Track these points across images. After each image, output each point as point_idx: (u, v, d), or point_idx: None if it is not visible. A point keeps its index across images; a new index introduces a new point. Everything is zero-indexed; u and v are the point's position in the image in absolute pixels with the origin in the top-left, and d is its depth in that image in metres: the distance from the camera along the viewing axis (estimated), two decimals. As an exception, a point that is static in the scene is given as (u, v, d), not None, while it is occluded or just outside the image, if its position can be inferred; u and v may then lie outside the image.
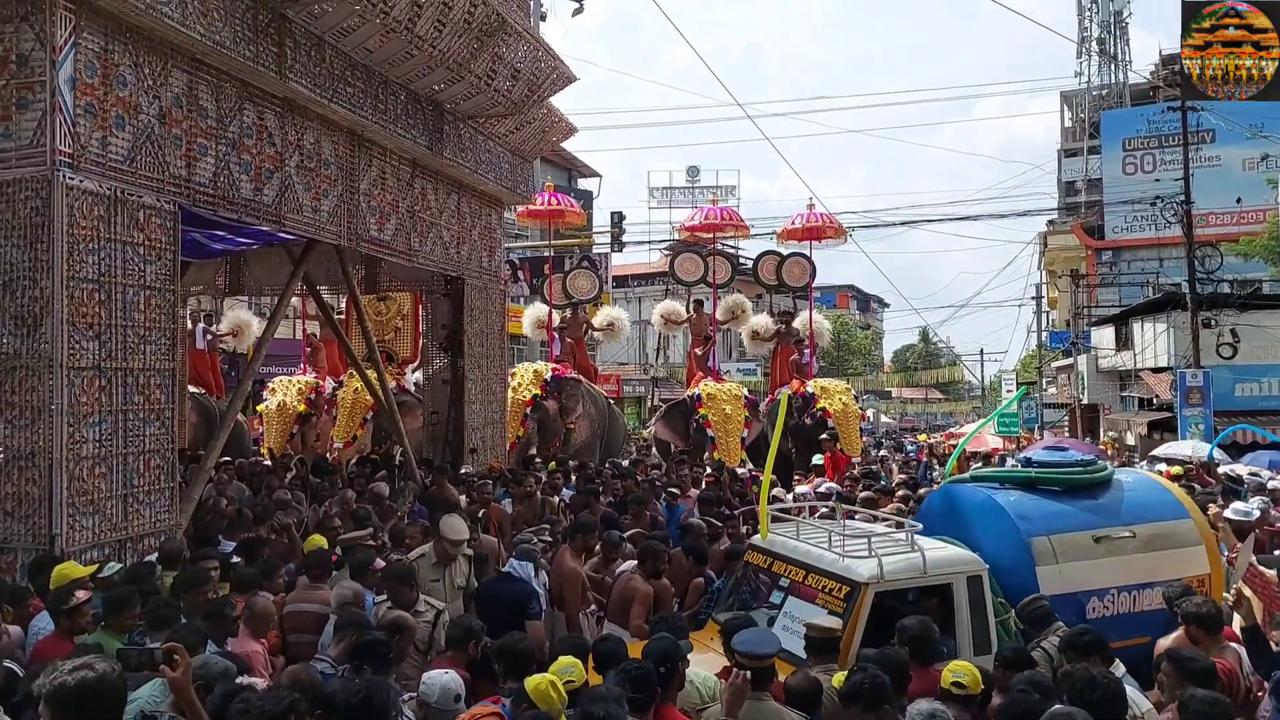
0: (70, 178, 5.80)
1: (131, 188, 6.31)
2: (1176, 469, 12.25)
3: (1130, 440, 23.48)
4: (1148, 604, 5.62)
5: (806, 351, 17.42)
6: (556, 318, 17.29)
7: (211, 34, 6.74)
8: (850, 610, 4.99)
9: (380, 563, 6.05)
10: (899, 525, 5.94)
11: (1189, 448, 15.78)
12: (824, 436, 14.00)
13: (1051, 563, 5.53)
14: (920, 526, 5.77)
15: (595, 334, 17.90)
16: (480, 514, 8.12)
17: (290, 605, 5.52)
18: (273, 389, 14.84)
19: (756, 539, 6.12)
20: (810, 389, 15.95)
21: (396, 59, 8.69)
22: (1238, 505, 7.53)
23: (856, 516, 6.75)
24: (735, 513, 8.32)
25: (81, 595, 4.63)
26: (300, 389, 14.68)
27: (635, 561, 6.39)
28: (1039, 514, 5.76)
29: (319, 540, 6.61)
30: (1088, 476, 6.11)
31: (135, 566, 5.60)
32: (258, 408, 14.89)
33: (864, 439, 17.66)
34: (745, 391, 16.67)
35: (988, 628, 5.25)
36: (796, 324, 17.79)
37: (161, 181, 6.60)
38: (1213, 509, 7.52)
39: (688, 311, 18.10)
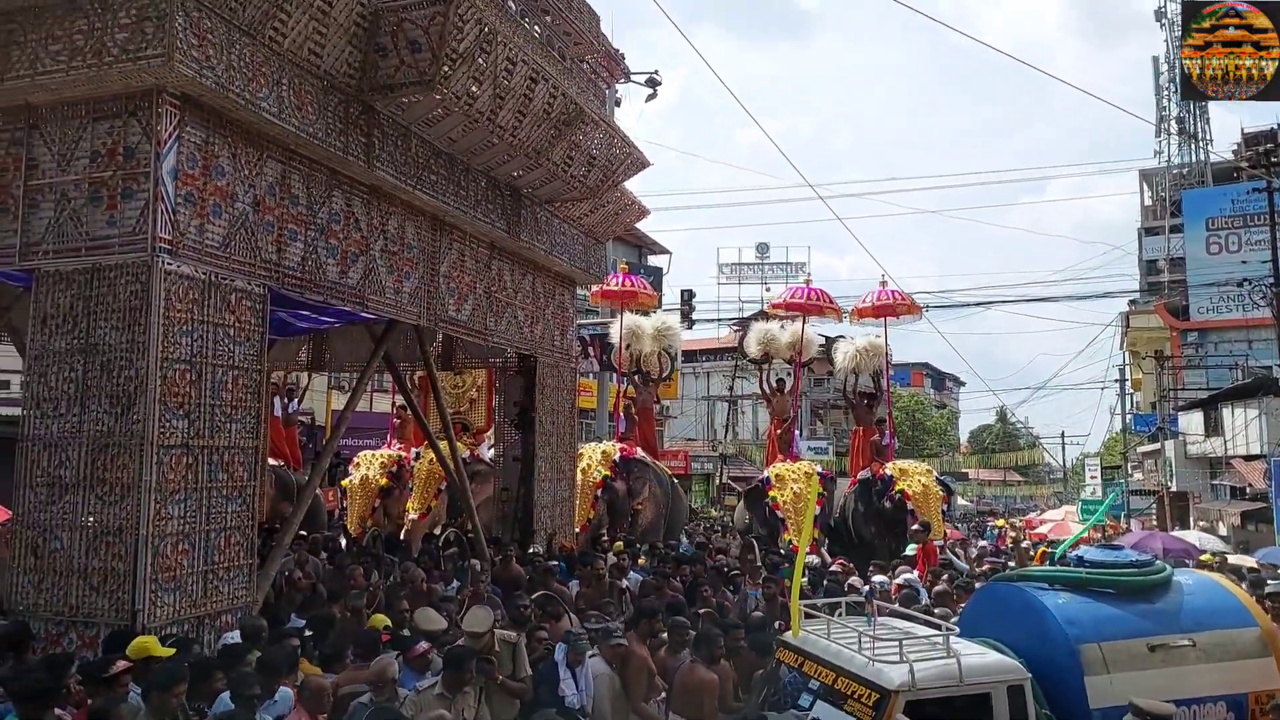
0: (169, 263, 6.07)
1: (225, 272, 6.57)
2: None
3: (1223, 531, 22.43)
4: None
5: (886, 433, 17.08)
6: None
7: (305, 126, 7.05)
8: None
9: (424, 646, 6.02)
10: (936, 627, 5.58)
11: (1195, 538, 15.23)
12: (915, 527, 13.58)
13: (1102, 672, 5.10)
14: (958, 629, 5.45)
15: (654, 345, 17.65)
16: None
17: (345, 688, 5.55)
18: (357, 463, 15.04)
19: (788, 636, 5.85)
20: (889, 471, 15.58)
21: (478, 148, 8.98)
22: None
23: (889, 614, 6.38)
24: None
25: (121, 665, 4.75)
26: (383, 463, 14.85)
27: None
28: (1089, 618, 5.36)
29: (382, 620, 6.64)
30: (1143, 578, 5.67)
31: (180, 641, 5.71)
32: (341, 482, 15.03)
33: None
34: (819, 469, 16.35)
35: None
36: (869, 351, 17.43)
37: (253, 266, 6.86)
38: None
39: (764, 389, 17.98)
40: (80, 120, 6.29)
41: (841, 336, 18.68)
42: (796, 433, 17.60)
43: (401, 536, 13.75)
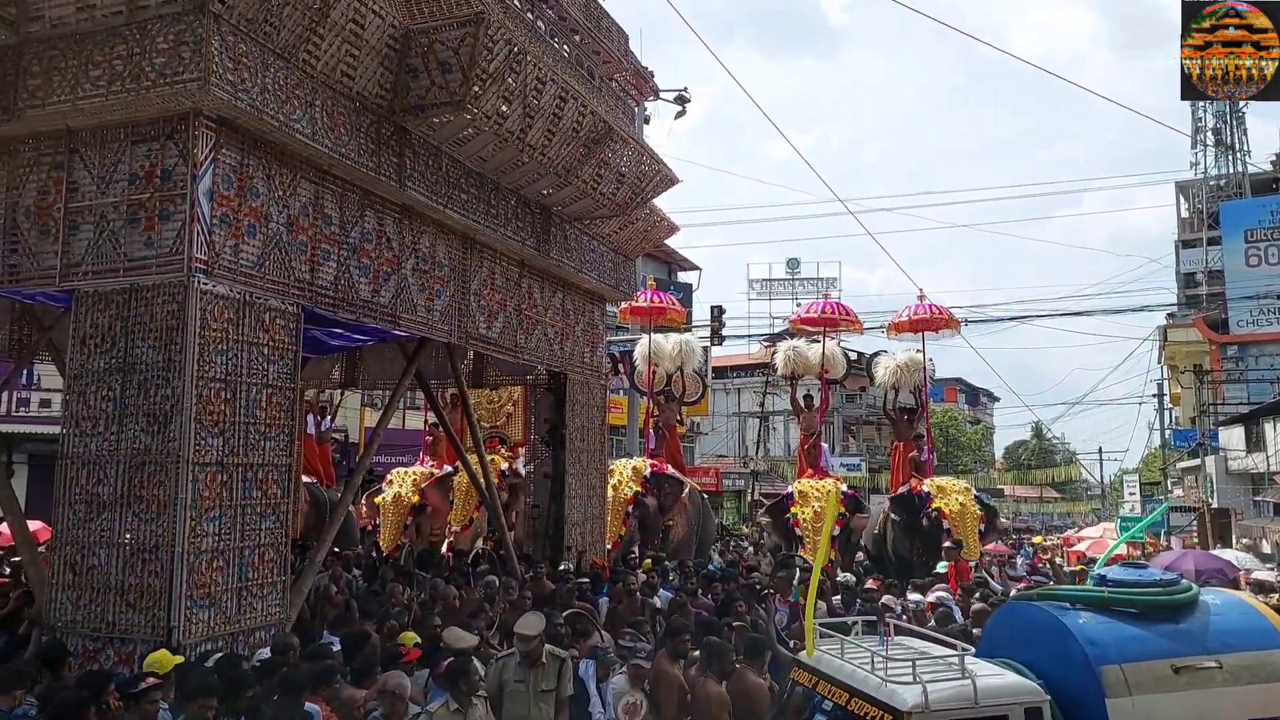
0: (204, 283, 6.15)
1: (259, 291, 6.65)
2: None
3: (1266, 549, 21.96)
4: None
5: (925, 448, 16.91)
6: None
7: (338, 147, 7.14)
8: None
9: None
10: (953, 647, 5.41)
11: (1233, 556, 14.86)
12: (947, 545, 13.44)
13: (1124, 694, 4.88)
14: (973, 649, 5.29)
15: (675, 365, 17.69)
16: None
17: (370, 703, 5.57)
18: (390, 480, 15.13)
19: (803, 655, 5.70)
20: (926, 488, 15.40)
21: (508, 166, 9.05)
22: None
23: (906, 633, 6.23)
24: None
25: (150, 681, 4.81)
26: (415, 480, 14.93)
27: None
28: (1111, 639, 5.14)
29: (411, 637, 6.66)
30: (1168, 598, 5.44)
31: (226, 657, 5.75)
32: (375, 500, 15.13)
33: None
34: (844, 487, 16.24)
35: None
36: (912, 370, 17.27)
37: (287, 285, 6.94)
38: None
39: (795, 405, 17.93)
40: (119, 143, 6.41)
41: (882, 352, 18.53)
42: (826, 448, 17.48)
43: (444, 550, 13.89)
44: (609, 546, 13.55)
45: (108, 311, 6.28)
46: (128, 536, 5.99)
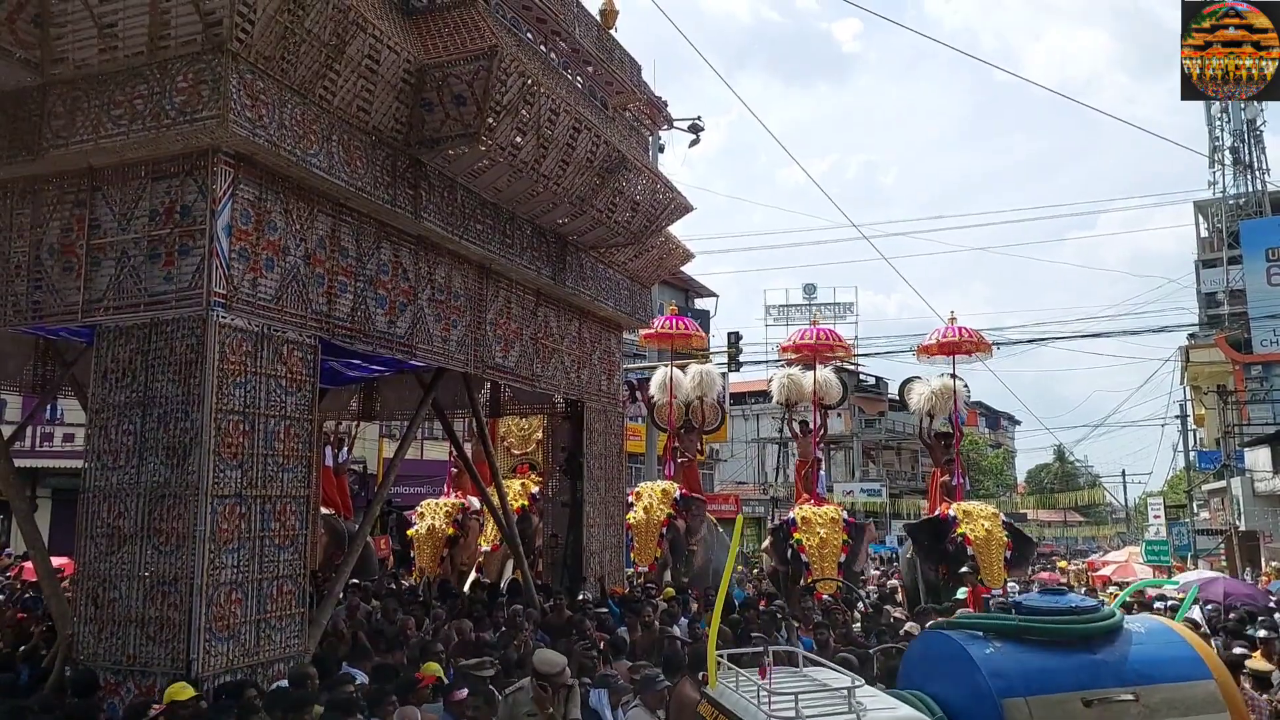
0: (223, 317, 6.21)
1: (277, 324, 6.70)
2: None
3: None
4: None
5: (955, 473, 16.77)
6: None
7: (354, 181, 7.22)
8: None
9: (464, 692, 6.00)
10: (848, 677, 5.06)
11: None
12: (964, 570, 13.33)
13: None
14: (861, 681, 5.16)
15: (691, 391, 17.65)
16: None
17: None
18: (421, 513, 15.13)
19: (708, 688, 5.43)
20: (952, 513, 15.26)
21: (523, 197, 9.12)
22: None
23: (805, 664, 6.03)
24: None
25: (154, 709, 4.81)
26: (448, 511, 14.92)
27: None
28: (1018, 670, 4.92)
29: (434, 668, 6.64)
30: (1084, 626, 5.20)
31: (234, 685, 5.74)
32: (408, 532, 15.13)
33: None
34: (844, 514, 16.17)
35: None
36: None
37: (304, 318, 7.00)
38: None
39: (793, 431, 17.97)
40: (140, 181, 6.51)
41: (916, 378, 18.41)
42: (822, 474, 17.43)
43: (474, 572, 14.09)
44: (645, 569, 13.53)
45: (128, 346, 6.35)
46: (147, 571, 6.02)
